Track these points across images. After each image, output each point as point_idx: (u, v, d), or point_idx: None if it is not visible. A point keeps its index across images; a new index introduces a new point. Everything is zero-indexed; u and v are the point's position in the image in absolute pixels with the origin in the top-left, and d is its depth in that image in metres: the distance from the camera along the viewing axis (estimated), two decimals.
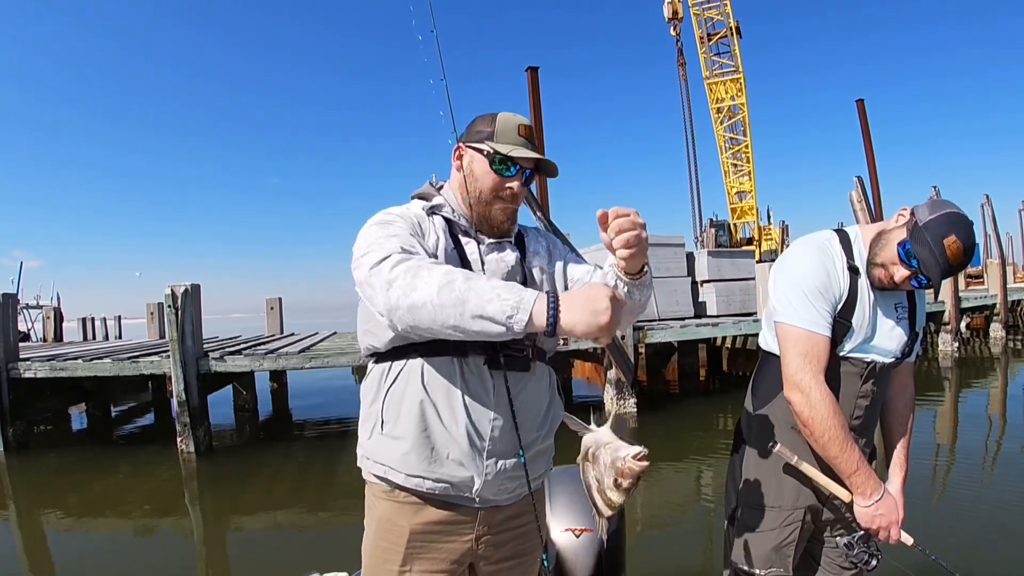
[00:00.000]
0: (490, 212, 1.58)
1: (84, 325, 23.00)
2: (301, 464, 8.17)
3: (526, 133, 1.58)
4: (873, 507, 1.72)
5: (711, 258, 12.93)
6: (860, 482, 1.72)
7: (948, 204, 1.69)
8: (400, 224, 1.47)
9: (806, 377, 1.71)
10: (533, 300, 1.21)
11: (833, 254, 1.82)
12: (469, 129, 1.62)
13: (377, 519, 1.58)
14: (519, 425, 1.50)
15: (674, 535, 5.13)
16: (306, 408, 12.13)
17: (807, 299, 1.75)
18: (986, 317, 19.51)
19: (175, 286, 8.06)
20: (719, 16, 26.66)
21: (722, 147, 27.55)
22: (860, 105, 18.59)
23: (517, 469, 1.53)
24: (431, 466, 1.48)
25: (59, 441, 10.26)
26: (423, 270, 1.27)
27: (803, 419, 1.72)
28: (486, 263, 1.56)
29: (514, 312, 1.20)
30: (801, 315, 1.75)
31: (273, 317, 15.40)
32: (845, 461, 1.70)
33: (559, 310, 1.21)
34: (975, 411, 9.90)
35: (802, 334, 1.74)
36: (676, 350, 12.42)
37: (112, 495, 7.05)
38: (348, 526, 5.47)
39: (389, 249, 1.35)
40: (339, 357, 8.64)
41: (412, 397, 1.48)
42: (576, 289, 1.34)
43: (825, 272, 1.78)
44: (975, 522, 4.84)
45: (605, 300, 1.19)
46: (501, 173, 1.55)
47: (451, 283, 1.23)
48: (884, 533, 1.76)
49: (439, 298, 1.22)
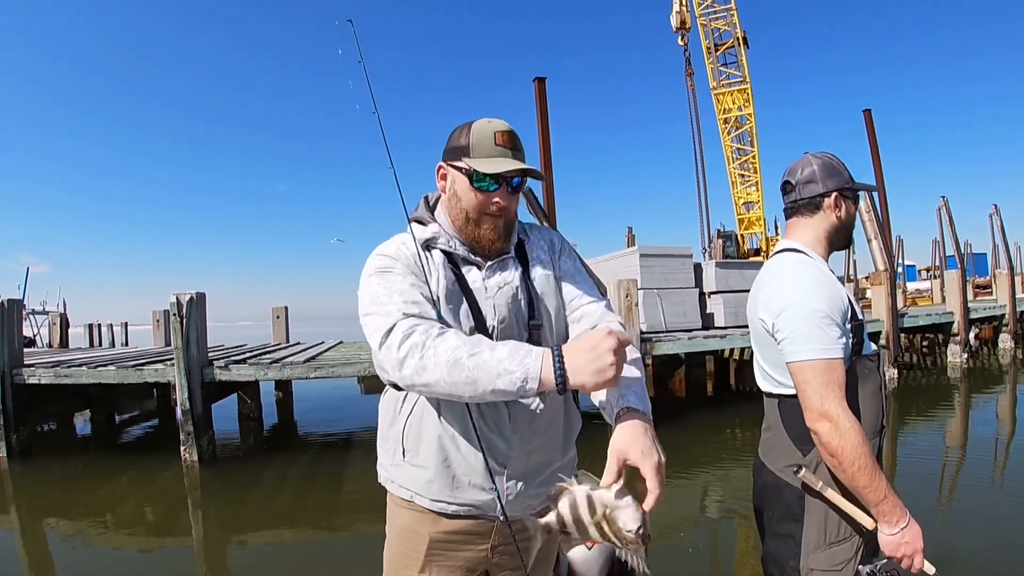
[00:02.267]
0: (479, 233, 1.53)
1: (90, 331, 22.99)
2: (305, 474, 8.12)
3: (504, 140, 1.50)
4: (899, 535, 1.65)
5: (719, 269, 12.86)
6: (887, 510, 1.64)
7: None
8: (399, 270, 1.48)
9: (832, 405, 1.63)
10: (539, 368, 1.26)
11: (824, 269, 1.83)
12: (448, 144, 1.56)
13: (399, 528, 1.63)
14: (537, 448, 1.56)
15: (684, 547, 5.08)
16: (312, 418, 12.05)
17: (817, 328, 1.69)
18: (995, 328, 19.39)
19: (180, 294, 8.05)
20: (726, 26, 26.64)
21: (729, 157, 27.49)
22: (867, 115, 18.53)
23: (540, 486, 1.57)
24: (454, 492, 1.54)
25: (63, 448, 10.22)
26: (429, 349, 1.31)
27: (831, 449, 1.64)
28: (488, 289, 1.54)
29: (523, 383, 1.25)
30: (814, 346, 1.68)
31: (279, 326, 15.38)
32: (874, 490, 1.63)
33: (566, 372, 1.25)
34: (985, 424, 9.81)
35: (821, 364, 1.67)
36: (683, 362, 12.32)
37: (115, 503, 7.00)
38: (353, 538, 5.44)
39: (392, 315, 1.38)
40: (345, 367, 8.59)
41: (430, 430, 1.53)
42: (579, 343, 1.31)
43: (826, 293, 1.74)
44: (984, 538, 4.76)
45: (609, 355, 1.24)
46: (483, 189, 1.49)
47: (458, 362, 1.28)
48: (907, 561, 1.68)
49: (450, 377, 1.28)
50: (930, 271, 37.98)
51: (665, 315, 11.78)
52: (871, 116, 18.37)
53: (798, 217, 1.97)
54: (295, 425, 11.75)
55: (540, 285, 1.60)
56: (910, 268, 38.86)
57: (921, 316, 15.97)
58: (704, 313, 12.66)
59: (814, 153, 1.96)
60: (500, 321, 1.52)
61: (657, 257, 12.13)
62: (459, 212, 1.54)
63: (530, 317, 1.56)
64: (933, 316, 16.06)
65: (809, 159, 1.95)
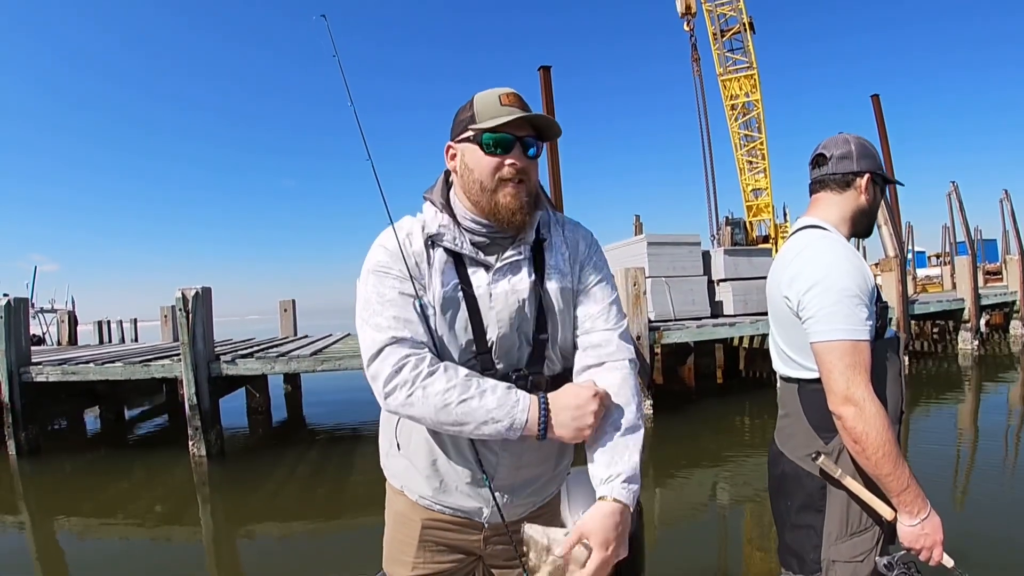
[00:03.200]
0: (497, 203, 1.43)
1: (100, 328, 23.06)
2: (314, 468, 8.11)
3: (511, 100, 1.43)
4: (919, 526, 1.60)
5: (727, 257, 12.78)
6: (908, 500, 1.59)
7: None
8: (395, 274, 1.43)
9: (858, 389, 1.57)
10: (525, 420, 1.32)
11: (851, 247, 1.77)
12: (453, 122, 1.50)
13: (395, 513, 1.67)
14: (528, 464, 1.54)
15: (692, 538, 5.05)
16: (321, 411, 12.08)
17: (847, 307, 1.62)
18: (1005, 314, 19.23)
19: (186, 289, 8.02)
20: (732, 12, 26.40)
21: (737, 144, 27.29)
22: (876, 100, 18.31)
23: (529, 496, 1.59)
24: (441, 495, 1.56)
25: (72, 445, 10.24)
26: (418, 388, 1.33)
27: (855, 435, 1.58)
28: (493, 297, 1.45)
29: (508, 430, 1.32)
30: (843, 327, 1.61)
31: (287, 319, 15.39)
32: (897, 478, 1.58)
33: (550, 424, 1.34)
34: (996, 410, 9.75)
35: (848, 345, 1.60)
36: (692, 351, 12.23)
37: (124, 499, 7.03)
38: (361, 531, 5.43)
39: (382, 333, 1.38)
40: (352, 360, 8.55)
41: (420, 434, 1.54)
42: (565, 399, 1.37)
43: (858, 270, 1.67)
44: (998, 523, 4.73)
45: (590, 417, 1.34)
46: (494, 153, 1.41)
47: (447, 407, 1.31)
48: (927, 553, 1.63)
49: (437, 418, 1.33)
50: (940, 257, 37.73)
51: (674, 303, 11.71)
52: (879, 101, 18.14)
53: (827, 192, 1.89)
54: (304, 418, 11.77)
55: (553, 295, 1.50)
56: (920, 255, 38.60)
57: (932, 303, 15.85)
58: (713, 301, 12.57)
59: (850, 133, 1.91)
60: (500, 336, 1.45)
61: (665, 245, 12.06)
62: (472, 184, 1.44)
63: (537, 330, 1.48)
64: (944, 303, 15.93)
65: (846, 137, 1.90)
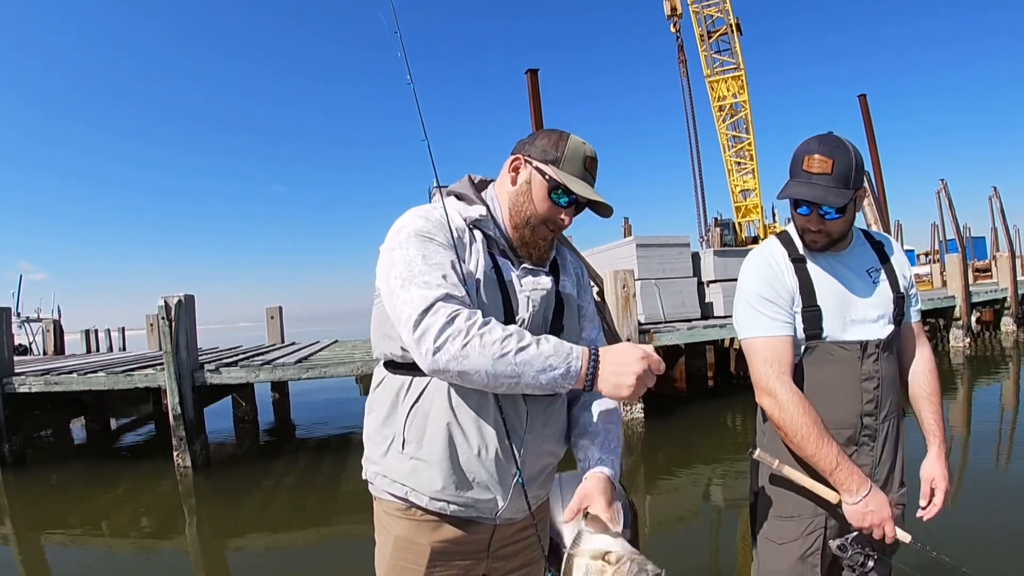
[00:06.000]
0: (534, 238, 1.54)
1: (87, 337, 22.88)
2: (302, 477, 8.01)
3: (591, 167, 1.53)
4: (861, 503, 1.64)
5: (717, 258, 12.76)
6: (843, 478, 1.65)
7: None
8: (440, 241, 1.42)
9: (771, 380, 1.72)
10: (579, 367, 1.31)
11: (770, 254, 1.85)
12: (532, 143, 1.54)
13: (395, 538, 1.53)
14: (545, 451, 1.56)
15: (685, 540, 5.01)
16: (309, 418, 11.95)
17: (753, 308, 1.80)
18: (995, 311, 19.27)
19: (169, 297, 7.89)
20: (719, 13, 26.41)
21: (725, 145, 27.29)
22: (863, 100, 18.42)
23: (538, 489, 1.58)
24: (457, 491, 1.46)
25: (58, 456, 10.10)
26: (474, 338, 1.27)
27: (775, 421, 1.73)
28: (523, 286, 1.52)
29: (563, 377, 1.30)
30: (752, 325, 1.80)
31: (274, 326, 15.28)
32: (823, 458, 1.66)
33: (597, 375, 1.32)
34: (988, 407, 9.78)
35: (759, 342, 1.78)
36: (683, 352, 12.20)
37: (109, 511, 6.91)
38: (352, 542, 5.33)
39: (432, 291, 1.32)
40: (337, 367, 8.47)
41: (438, 420, 1.44)
42: (614, 354, 1.34)
43: (763, 276, 1.81)
44: (989, 519, 4.72)
45: (631, 377, 1.29)
46: (557, 202, 1.50)
47: (505, 356, 1.27)
48: (878, 531, 1.65)
49: (494, 369, 1.27)
50: (929, 255, 37.88)
51: (664, 305, 11.66)
52: (866, 101, 18.26)
53: None
54: (292, 427, 11.64)
55: (567, 300, 1.60)
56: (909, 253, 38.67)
57: (922, 301, 15.82)
58: (703, 302, 12.54)
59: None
60: (531, 317, 1.51)
61: (654, 247, 12.02)
62: (522, 211, 1.52)
63: (555, 322, 1.56)
64: (935, 300, 15.96)
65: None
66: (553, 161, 1.49)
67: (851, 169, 1.67)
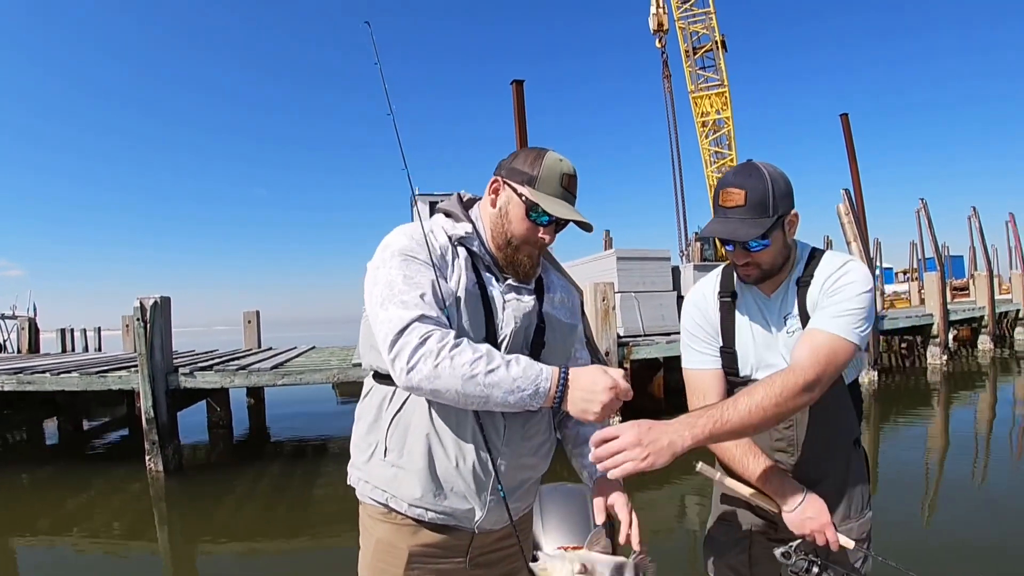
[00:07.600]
0: (517, 257, 1.57)
1: (63, 336, 22.55)
2: (276, 483, 7.92)
3: (569, 184, 1.55)
4: (799, 510, 1.66)
5: (697, 272, 12.83)
6: (775, 489, 1.70)
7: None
8: (423, 259, 1.46)
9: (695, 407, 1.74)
10: (547, 388, 1.37)
11: (702, 294, 1.89)
12: (511, 164, 1.58)
13: (375, 541, 1.58)
14: (524, 466, 1.59)
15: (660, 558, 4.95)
16: (285, 425, 11.80)
17: (686, 342, 1.89)
18: (973, 329, 19.52)
19: (144, 298, 7.79)
20: (704, 30, 26.60)
21: (707, 161, 27.40)
22: (844, 119, 18.52)
23: (518, 500, 1.60)
24: (435, 499, 1.50)
25: (29, 457, 9.93)
26: (445, 359, 1.32)
27: (709, 448, 1.74)
28: (507, 303, 1.55)
29: (532, 397, 1.36)
30: (685, 357, 1.89)
31: (251, 331, 15.11)
32: (753, 474, 1.72)
33: (566, 396, 1.38)
34: (964, 423, 9.87)
35: (690, 373, 1.88)
36: (662, 366, 12.21)
37: (81, 514, 6.83)
38: (326, 549, 5.25)
39: (409, 311, 1.37)
40: (313, 374, 8.40)
41: (419, 430, 1.49)
42: (583, 377, 1.39)
43: (691, 313, 1.89)
44: (961, 534, 4.80)
45: (597, 406, 1.36)
46: (536, 221, 1.53)
47: (474, 378, 1.32)
48: (820, 537, 1.64)
49: (463, 389, 1.33)
50: (907, 273, 38.26)
51: (643, 318, 11.68)
52: (848, 120, 18.35)
53: None
54: (267, 432, 11.49)
55: (549, 319, 1.62)
56: (887, 271, 39.08)
57: (901, 318, 16.02)
58: None
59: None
60: (513, 333, 1.53)
61: (635, 260, 12.04)
62: (502, 232, 1.56)
63: (536, 340, 1.59)
64: (913, 318, 16.13)
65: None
66: (529, 181, 1.52)
67: (767, 195, 1.61)
